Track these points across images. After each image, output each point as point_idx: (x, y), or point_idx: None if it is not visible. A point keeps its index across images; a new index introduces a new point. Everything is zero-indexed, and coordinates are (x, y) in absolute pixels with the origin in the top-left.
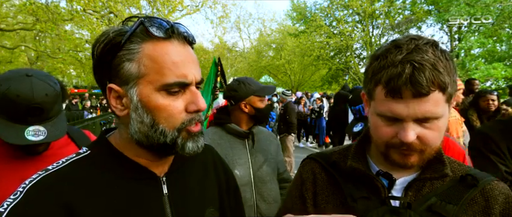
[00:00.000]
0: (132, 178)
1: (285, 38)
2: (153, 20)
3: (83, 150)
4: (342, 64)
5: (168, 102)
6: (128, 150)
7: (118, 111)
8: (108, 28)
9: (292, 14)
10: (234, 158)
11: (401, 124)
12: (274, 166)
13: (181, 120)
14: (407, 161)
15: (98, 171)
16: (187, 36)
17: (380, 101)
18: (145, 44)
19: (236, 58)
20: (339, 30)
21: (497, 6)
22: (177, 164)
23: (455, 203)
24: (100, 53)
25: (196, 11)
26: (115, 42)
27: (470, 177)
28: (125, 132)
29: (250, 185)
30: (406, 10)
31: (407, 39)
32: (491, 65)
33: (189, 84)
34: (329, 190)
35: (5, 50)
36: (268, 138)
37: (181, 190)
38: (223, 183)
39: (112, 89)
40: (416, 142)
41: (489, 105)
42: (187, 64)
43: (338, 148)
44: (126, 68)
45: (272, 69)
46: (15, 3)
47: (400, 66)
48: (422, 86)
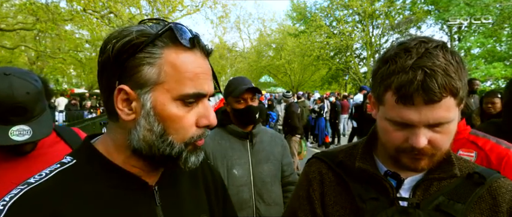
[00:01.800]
0: (124, 188)
1: (285, 38)
2: (180, 27)
3: (68, 160)
4: (342, 64)
5: (182, 113)
6: (118, 157)
7: (124, 115)
8: (127, 26)
9: (292, 14)
10: (234, 158)
11: (413, 129)
12: (277, 168)
13: (191, 133)
14: (418, 165)
15: (86, 182)
16: (208, 50)
17: (390, 107)
18: (168, 50)
19: (236, 58)
20: (339, 30)
21: (497, 6)
22: (168, 172)
23: (463, 202)
24: (117, 50)
25: (196, 11)
26: (137, 42)
27: (478, 175)
28: (119, 138)
29: (249, 185)
30: (406, 10)
31: (416, 42)
32: (491, 64)
33: (205, 96)
34: (337, 190)
35: (5, 50)
36: (274, 140)
37: (174, 200)
38: (210, 184)
39: (122, 90)
40: (428, 147)
41: (489, 108)
42: (206, 77)
43: (344, 147)
44: (145, 71)
45: (272, 69)
46: (15, 3)
47: (412, 73)
48: (434, 93)
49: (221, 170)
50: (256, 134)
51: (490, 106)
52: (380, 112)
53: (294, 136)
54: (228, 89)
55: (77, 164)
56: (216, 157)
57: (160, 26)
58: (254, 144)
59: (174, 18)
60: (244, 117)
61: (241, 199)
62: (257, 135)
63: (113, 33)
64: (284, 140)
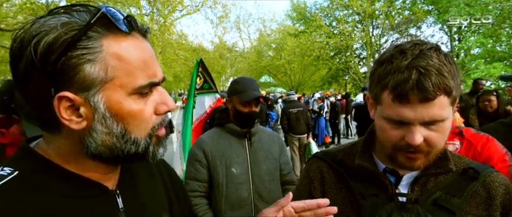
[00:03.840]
0: (82, 196)
1: (285, 38)
2: (111, 11)
3: (7, 172)
4: (342, 64)
5: (141, 106)
6: (69, 164)
7: (73, 125)
8: (36, 19)
9: (292, 14)
10: (232, 156)
11: (409, 127)
12: (275, 166)
13: (151, 124)
14: (414, 163)
15: (36, 193)
16: (144, 29)
17: (387, 105)
18: (106, 40)
19: (236, 58)
20: (339, 30)
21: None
22: (126, 173)
23: (459, 196)
24: (42, 52)
25: (196, 11)
26: (67, 38)
27: (472, 170)
28: (66, 147)
29: (247, 183)
30: (406, 10)
31: (411, 44)
32: (491, 64)
33: (158, 83)
34: (337, 188)
35: (5, 50)
36: (272, 138)
37: (136, 201)
38: (168, 183)
39: (64, 97)
40: (423, 144)
41: (485, 106)
42: (154, 61)
43: (343, 147)
44: (87, 70)
45: (272, 69)
46: (15, 3)
47: (407, 72)
48: (428, 91)
49: (220, 168)
50: (254, 133)
51: (487, 104)
52: (378, 112)
53: (290, 136)
54: (235, 88)
55: (20, 175)
56: (214, 155)
57: (84, 12)
58: (252, 142)
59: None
60: (246, 121)
61: (239, 197)
62: (255, 134)
63: (28, 30)
64: (281, 139)
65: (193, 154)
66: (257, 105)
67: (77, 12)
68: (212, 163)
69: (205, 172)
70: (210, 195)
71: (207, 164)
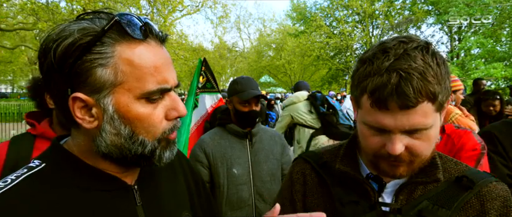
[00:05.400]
0: (102, 190)
1: (285, 38)
2: (127, 18)
3: (36, 164)
4: (342, 64)
5: (149, 110)
6: (89, 160)
7: (86, 123)
8: (62, 24)
9: (292, 14)
10: (233, 157)
11: (389, 135)
12: (276, 166)
13: (162, 129)
14: (396, 171)
15: (58, 186)
16: (161, 36)
17: (366, 111)
18: (119, 45)
19: (236, 58)
20: (339, 30)
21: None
22: (147, 170)
23: (448, 207)
24: (60, 55)
25: (196, 11)
26: (82, 43)
27: (466, 178)
28: (84, 143)
29: (248, 184)
30: (406, 10)
31: (396, 42)
32: (491, 65)
33: (170, 89)
34: (318, 192)
35: (5, 50)
36: (273, 138)
37: (155, 198)
38: (191, 182)
39: (78, 98)
40: (405, 154)
41: (490, 110)
42: (167, 67)
43: (331, 147)
44: (99, 74)
45: (272, 69)
46: (15, 3)
47: (386, 75)
48: (408, 98)
49: (221, 169)
50: (255, 133)
51: (491, 108)
52: (359, 116)
53: None
54: (234, 88)
55: (46, 167)
56: (215, 156)
57: (104, 20)
58: (253, 143)
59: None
60: (246, 120)
61: (240, 197)
62: (256, 134)
63: (50, 34)
64: (283, 139)
65: (194, 155)
66: (257, 104)
67: (98, 19)
68: (213, 164)
69: (207, 173)
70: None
71: (208, 165)
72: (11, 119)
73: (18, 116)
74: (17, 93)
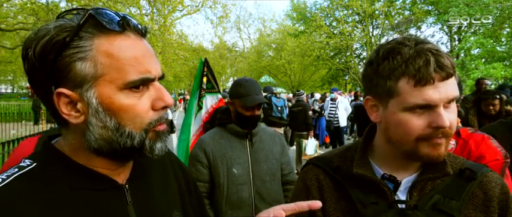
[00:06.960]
0: (91, 189)
1: (285, 38)
2: (102, 12)
3: (26, 163)
4: (342, 64)
5: (133, 101)
6: (80, 158)
7: (72, 119)
8: (42, 23)
9: (292, 14)
10: (233, 157)
11: (434, 111)
12: (276, 166)
13: (148, 119)
14: (439, 151)
15: (49, 185)
16: (141, 29)
17: (408, 94)
18: (97, 39)
19: (236, 58)
20: (339, 30)
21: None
22: (138, 169)
23: (457, 198)
24: (39, 53)
25: (196, 11)
26: (59, 40)
27: (468, 170)
28: (75, 141)
29: (248, 184)
30: (406, 10)
31: (401, 38)
32: (491, 65)
33: (153, 79)
34: (336, 196)
35: (5, 50)
36: (273, 138)
37: (146, 197)
38: (182, 182)
39: (62, 94)
40: (448, 128)
41: (490, 110)
42: (148, 58)
43: (337, 151)
44: (79, 67)
45: (272, 69)
46: (15, 3)
47: (423, 55)
48: (448, 68)
49: (221, 169)
50: (255, 133)
51: (491, 108)
52: (393, 107)
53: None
54: (238, 91)
55: (37, 167)
56: (215, 156)
57: (82, 16)
58: (253, 143)
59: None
60: (248, 124)
61: (240, 197)
62: (257, 134)
63: (29, 35)
64: (283, 139)
65: (194, 155)
66: (259, 109)
67: (76, 16)
68: (213, 163)
69: (207, 172)
70: (211, 195)
71: (208, 165)
72: (11, 119)
73: (18, 116)
74: (17, 93)
